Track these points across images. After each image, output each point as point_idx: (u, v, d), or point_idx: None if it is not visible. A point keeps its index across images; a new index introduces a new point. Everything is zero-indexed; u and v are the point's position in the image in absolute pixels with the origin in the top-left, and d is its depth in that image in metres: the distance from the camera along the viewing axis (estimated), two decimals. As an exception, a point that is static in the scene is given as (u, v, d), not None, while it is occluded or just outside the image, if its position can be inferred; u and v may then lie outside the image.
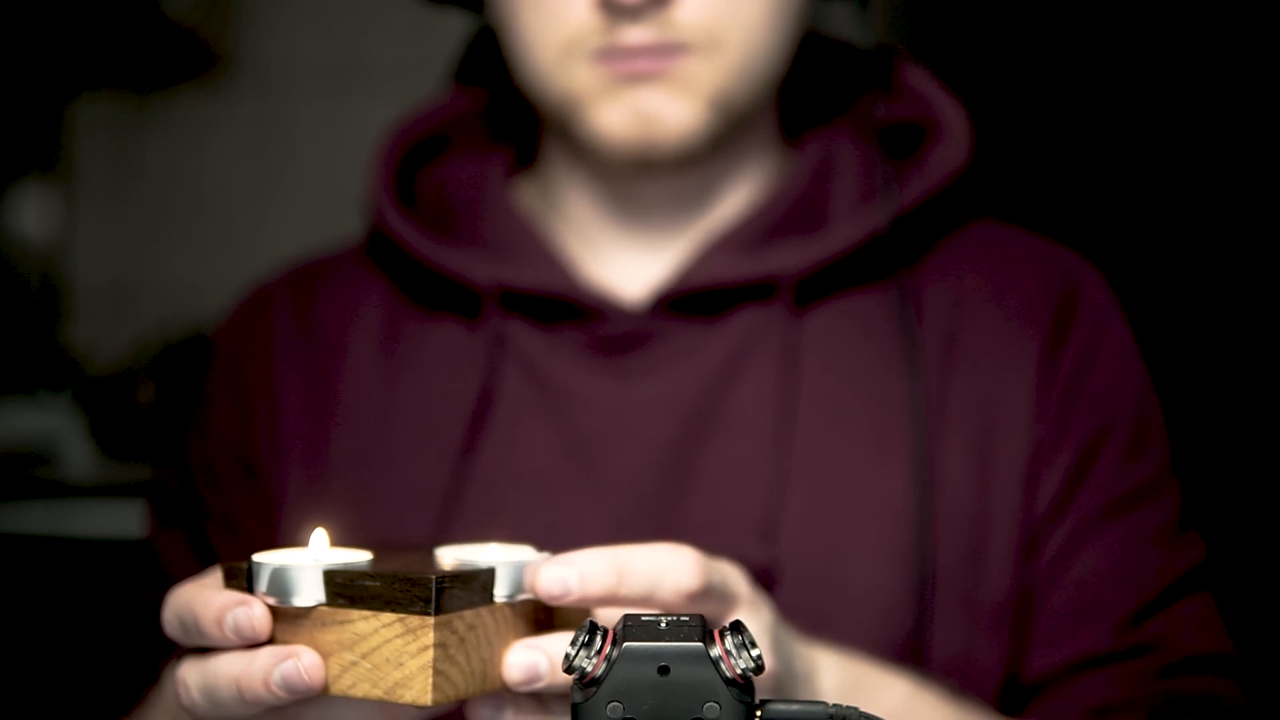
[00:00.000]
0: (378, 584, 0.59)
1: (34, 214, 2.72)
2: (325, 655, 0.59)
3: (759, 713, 0.55)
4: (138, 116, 2.71)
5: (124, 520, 1.51)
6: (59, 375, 2.51)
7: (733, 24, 0.86)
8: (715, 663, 0.54)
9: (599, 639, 0.55)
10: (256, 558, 0.61)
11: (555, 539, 0.70)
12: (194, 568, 0.85)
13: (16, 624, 1.99)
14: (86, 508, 2.08)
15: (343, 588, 0.60)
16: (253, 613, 0.59)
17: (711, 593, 0.65)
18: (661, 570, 0.64)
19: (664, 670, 0.54)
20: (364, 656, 0.59)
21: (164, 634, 0.64)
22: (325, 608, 0.60)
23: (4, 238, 2.69)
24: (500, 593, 0.62)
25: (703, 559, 0.65)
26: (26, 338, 2.67)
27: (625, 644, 0.54)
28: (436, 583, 0.58)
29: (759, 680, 0.66)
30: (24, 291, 2.70)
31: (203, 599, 0.61)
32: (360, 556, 0.62)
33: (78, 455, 2.31)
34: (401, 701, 0.59)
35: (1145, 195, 2.19)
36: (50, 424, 2.33)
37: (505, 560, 0.63)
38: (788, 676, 0.70)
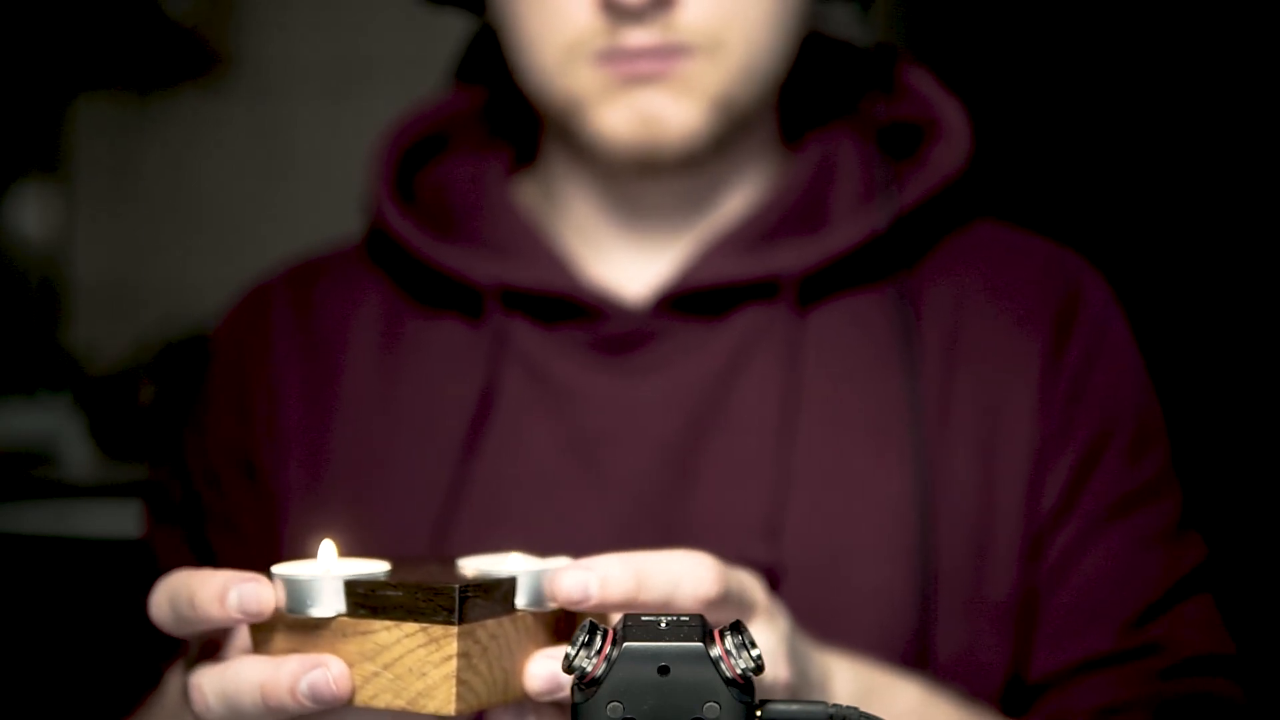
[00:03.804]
0: (400, 594, 0.59)
1: (34, 214, 2.72)
2: (346, 666, 0.59)
3: (759, 713, 0.55)
4: (138, 116, 2.71)
5: (124, 520, 1.50)
6: (59, 375, 2.51)
7: (735, 25, 0.86)
8: (715, 663, 0.54)
9: (599, 639, 0.55)
10: (275, 569, 0.60)
11: (557, 539, 0.70)
12: (191, 567, 0.84)
13: (16, 624, 1.99)
14: (86, 508, 2.08)
15: (365, 598, 0.59)
16: (260, 589, 0.59)
17: (730, 600, 0.65)
18: (680, 576, 0.63)
19: (664, 670, 0.54)
20: (386, 667, 0.59)
21: (152, 621, 0.63)
22: (346, 618, 0.59)
23: (4, 238, 2.69)
24: (522, 602, 0.62)
25: (722, 566, 0.65)
26: (26, 338, 2.67)
27: (625, 644, 0.54)
28: (460, 592, 0.58)
29: (774, 687, 0.66)
30: (24, 291, 2.70)
31: (201, 577, 0.60)
32: (378, 567, 0.62)
33: (78, 455, 2.31)
34: (425, 712, 0.59)
35: (1145, 195, 2.19)
36: (50, 424, 2.33)
37: (527, 569, 0.62)
38: (803, 684, 0.69)
